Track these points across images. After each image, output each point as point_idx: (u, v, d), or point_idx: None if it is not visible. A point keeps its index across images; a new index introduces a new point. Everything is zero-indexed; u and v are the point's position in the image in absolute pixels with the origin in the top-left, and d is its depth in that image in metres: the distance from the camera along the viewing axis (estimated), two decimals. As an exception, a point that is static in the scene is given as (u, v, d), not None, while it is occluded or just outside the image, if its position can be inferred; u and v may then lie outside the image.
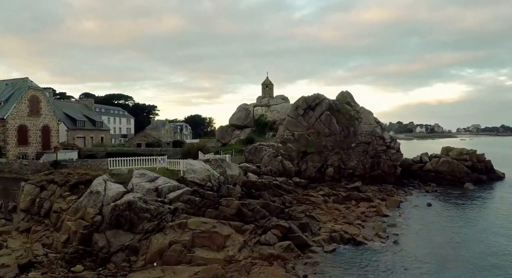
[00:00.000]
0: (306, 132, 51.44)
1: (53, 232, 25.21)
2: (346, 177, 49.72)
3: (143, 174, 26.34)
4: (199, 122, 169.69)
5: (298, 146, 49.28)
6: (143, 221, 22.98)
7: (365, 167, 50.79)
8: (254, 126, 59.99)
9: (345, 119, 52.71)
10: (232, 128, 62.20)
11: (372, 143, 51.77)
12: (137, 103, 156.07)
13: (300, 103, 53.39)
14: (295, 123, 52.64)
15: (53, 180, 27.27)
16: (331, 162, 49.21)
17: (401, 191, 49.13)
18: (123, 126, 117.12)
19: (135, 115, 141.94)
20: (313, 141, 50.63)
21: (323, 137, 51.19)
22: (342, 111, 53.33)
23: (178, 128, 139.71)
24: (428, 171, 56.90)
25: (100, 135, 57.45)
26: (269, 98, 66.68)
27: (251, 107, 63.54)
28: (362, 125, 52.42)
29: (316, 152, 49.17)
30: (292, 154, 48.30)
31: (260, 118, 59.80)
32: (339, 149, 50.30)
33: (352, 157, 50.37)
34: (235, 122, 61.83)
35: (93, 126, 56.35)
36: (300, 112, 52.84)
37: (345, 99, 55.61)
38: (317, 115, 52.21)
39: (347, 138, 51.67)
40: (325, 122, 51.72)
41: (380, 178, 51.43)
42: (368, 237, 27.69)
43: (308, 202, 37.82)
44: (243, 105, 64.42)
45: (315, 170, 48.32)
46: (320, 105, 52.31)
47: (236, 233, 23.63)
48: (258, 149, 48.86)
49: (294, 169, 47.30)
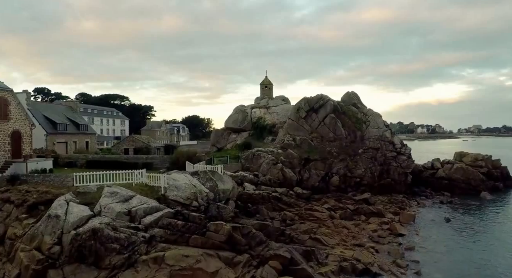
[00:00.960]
0: (309, 137, 47.03)
1: (6, 263, 20.84)
2: (353, 186, 45.41)
3: (114, 192, 21.93)
4: (197, 123, 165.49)
5: (300, 152, 44.89)
6: (111, 253, 18.58)
7: (373, 175, 46.44)
8: (251, 130, 55.45)
9: (352, 122, 48.29)
10: (228, 131, 57.66)
11: (381, 149, 47.38)
12: (133, 104, 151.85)
13: (302, 105, 48.96)
14: (297, 127, 48.22)
15: (9, 198, 22.88)
16: (336, 169, 44.83)
17: (412, 202, 44.97)
18: (117, 128, 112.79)
19: (131, 116, 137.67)
20: (317, 147, 46.22)
21: (328, 142, 46.78)
22: (348, 113, 48.91)
23: (175, 129, 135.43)
24: (440, 178, 52.66)
25: (84, 139, 53.06)
26: (268, 99, 62.01)
27: (248, 109, 58.94)
28: (370, 130, 48.00)
29: (319, 158, 44.78)
30: (293, 161, 43.91)
31: (258, 121, 55.35)
32: (345, 155, 45.91)
33: (359, 164, 45.98)
34: (231, 125, 57.30)
35: (76, 130, 51.96)
36: (302, 115, 48.41)
37: (351, 101, 51.16)
38: (321, 118, 47.79)
39: (354, 143, 47.26)
40: (330, 126, 47.29)
41: (390, 187, 47.15)
42: (385, 266, 23.33)
43: (312, 218, 33.43)
44: (240, 107, 59.83)
45: (318, 178, 43.94)
46: (324, 107, 47.88)
47: (226, 267, 19.22)
48: (256, 156, 44.49)
49: (295, 177, 42.93)
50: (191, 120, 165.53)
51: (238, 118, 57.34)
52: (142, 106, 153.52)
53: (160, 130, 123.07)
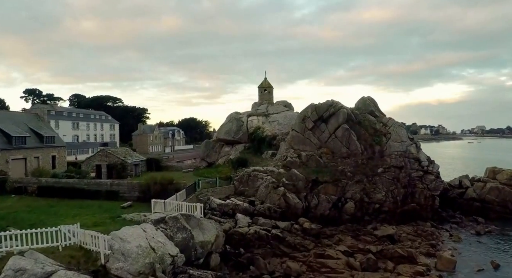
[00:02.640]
0: (317, 152, 38.62)
1: None
2: (371, 214, 37.07)
3: (21, 269, 13.63)
4: (194, 125, 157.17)
5: (306, 172, 36.48)
6: None
7: (395, 199, 38.04)
8: (248, 142, 47.00)
9: (369, 135, 39.82)
10: (220, 143, 49.12)
11: (405, 168, 38.92)
12: (126, 106, 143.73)
13: (308, 113, 40.49)
14: (302, 140, 39.79)
15: None
16: (351, 194, 36.42)
17: (443, 232, 36.70)
18: (105, 133, 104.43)
19: (123, 119, 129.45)
20: (327, 165, 37.83)
21: (340, 159, 38.37)
22: (364, 124, 40.42)
23: (169, 133, 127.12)
24: (471, 199, 44.27)
25: (50, 154, 44.72)
26: (267, 105, 53.26)
27: (244, 117, 50.15)
28: (392, 144, 39.51)
29: (330, 180, 36.37)
30: (298, 184, 35.51)
31: (255, 132, 46.74)
32: (362, 176, 37.48)
33: (379, 187, 37.58)
34: (224, 136, 48.77)
35: (39, 142, 43.60)
36: (308, 125, 39.97)
37: (368, 108, 42.62)
38: (332, 130, 39.35)
39: (372, 161, 38.83)
40: (343, 139, 38.85)
41: (414, 213, 38.91)
42: None
43: (325, 269, 25.14)
44: (234, 115, 51.11)
45: (329, 205, 35.55)
46: (335, 116, 39.38)
47: None
48: (252, 177, 36.12)
49: (301, 205, 34.56)
50: (187, 122, 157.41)
51: (232, 128, 48.73)
52: (135, 109, 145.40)
53: (152, 134, 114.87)
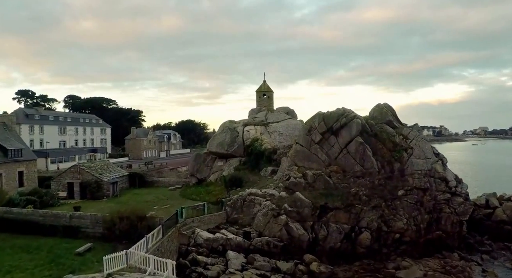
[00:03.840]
0: (326, 170, 32.50)
1: None
2: (390, 245, 31.02)
3: None
4: (192, 128, 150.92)
5: (313, 196, 30.37)
6: None
7: (418, 227, 31.97)
8: (244, 156, 40.86)
9: (387, 150, 33.64)
10: (212, 157, 42.86)
11: (430, 189, 32.78)
12: (121, 108, 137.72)
13: (315, 123, 34.31)
14: (308, 156, 33.67)
15: None
16: (366, 222, 30.30)
17: (475, 266, 30.74)
18: (96, 138, 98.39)
19: (116, 122, 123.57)
20: (337, 186, 31.72)
21: (353, 179, 32.25)
22: (381, 136, 34.21)
23: (165, 137, 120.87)
24: (501, 222, 38.21)
25: (16, 169, 38.64)
26: (267, 112, 46.87)
27: (240, 127, 43.53)
28: (414, 161, 33.32)
29: (342, 206, 30.25)
30: (303, 211, 29.40)
31: (253, 144, 40.22)
32: (379, 200, 31.37)
33: (400, 213, 31.46)
34: (216, 149, 42.51)
35: (3, 157, 37.54)
36: (315, 138, 33.83)
37: (385, 117, 36.39)
38: (343, 144, 33.19)
39: (391, 181, 32.69)
40: (356, 155, 32.71)
41: (439, 241, 32.85)
42: None
43: None
44: (228, 124, 44.68)
45: (341, 236, 29.44)
46: (347, 127, 33.18)
47: None
48: (248, 202, 30.02)
49: (307, 236, 28.47)
50: (185, 125, 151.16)
51: (225, 139, 42.39)
52: (130, 111, 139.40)
53: (146, 139, 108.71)
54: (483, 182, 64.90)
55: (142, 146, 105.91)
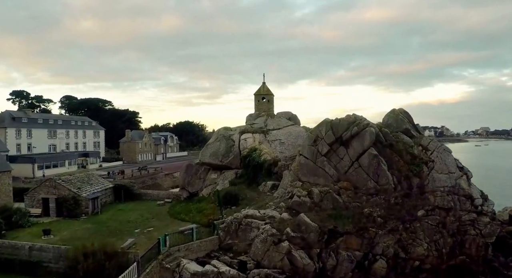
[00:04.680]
0: (334, 187, 28.22)
1: None
2: (409, 275, 26.77)
3: None
4: (190, 130, 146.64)
5: (319, 218, 26.09)
6: None
7: (440, 252, 27.67)
8: (240, 168, 36.44)
9: (404, 162, 29.30)
10: (205, 168, 38.45)
11: (454, 209, 28.46)
12: (116, 109, 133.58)
13: (322, 132, 29.97)
14: (313, 170, 29.36)
15: None
16: (381, 248, 26.02)
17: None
18: (88, 141, 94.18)
19: (111, 124, 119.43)
20: (348, 206, 27.44)
21: (366, 197, 27.97)
22: (398, 147, 29.87)
23: (161, 139, 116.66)
24: (528, 241, 33.87)
25: (-17, 182, 34.43)
26: (266, 117, 42.25)
27: (236, 135, 38.80)
28: (436, 176, 28.99)
29: (354, 229, 25.97)
30: (309, 237, 25.13)
31: (250, 155, 35.55)
32: (396, 222, 27.08)
33: (420, 237, 27.16)
34: (210, 160, 37.98)
35: (-33, 169, 33.30)
36: (322, 150, 29.52)
37: (401, 125, 32.04)
38: (354, 156, 28.86)
39: (409, 199, 28.38)
40: (369, 169, 28.40)
41: (463, 267, 28.57)
42: None
43: None
44: (223, 132, 39.92)
45: (352, 266, 25.18)
46: (359, 137, 28.82)
47: None
48: (244, 226, 25.74)
49: (313, 266, 24.24)
50: (182, 126, 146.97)
51: (219, 149, 37.86)
52: (126, 112, 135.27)
53: (142, 142, 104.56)
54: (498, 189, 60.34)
55: (137, 149, 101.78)
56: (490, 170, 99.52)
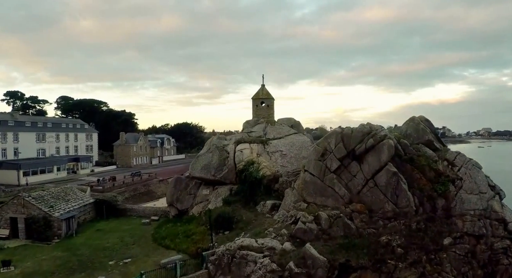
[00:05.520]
0: (345, 210, 24.01)
1: None
2: (434, 314, 22.57)
3: None
4: (188, 131, 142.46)
5: (329, 249, 21.88)
6: None
7: (471, 287, 23.46)
8: (235, 183, 31.90)
9: (426, 180, 25.10)
10: (197, 182, 34.10)
11: (486, 236, 24.25)
12: (111, 110, 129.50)
13: (331, 144, 25.73)
14: (321, 189, 25.14)
15: None
16: (403, 285, 21.83)
17: None
18: (80, 144, 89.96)
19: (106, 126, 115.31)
20: (361, 232, 23.23)
21: (382, 222, 23.77)
22: (419, 162, 25.65)
23: (158, 142, 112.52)
24: None
25: None
26: (266, 125, 37.52)
27: (230, 145, 34.04)
28: (465, 196, 24.77)
29: (369, 262, 21.75)
30: (316, 273, 20.90)
31: (247, 168, 30.98)
32: (419, 252, 22.85)
33: (447, 270, 22.94)
34: (200, 174, 33.33)
35: None
36: (331, 165, 25.30)
37: (422, 135, 27.78)
38: (369, 173, 24.65)
39: (433, 224, 24.16)
40: (387, 188, 24.20)
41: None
42: None
43: None
44: (216, 142, 35.21)
45: (368, 307, 20.99)
46: (376, 150, 24.62)
47: None
48: (239, 259, 21.54)
49: (321, 310, 20.02)
50: (180, 128, 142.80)
51: (212, 161, 33.28)
52: (123, 113, 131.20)
53: (137, 145, 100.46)
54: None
55: (131, 152, 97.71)
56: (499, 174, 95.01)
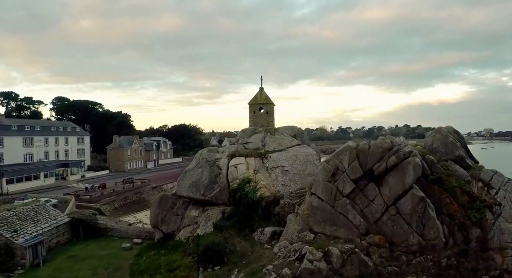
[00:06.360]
0: (361, 243, 19.71)
1: None
2: None
3: None
4: (185, 133, 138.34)
5: (342, 295, 17.60)
6: None
7: None
8: (229, 204, 27.29)
9: (458, 206, 20.83)
10: (185, 201, 29.55)
11: (534, 274, 19.98)
12: (106, 112, 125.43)
13: (343, 162, 21.36)
14: (331, 217, 20.81)
15: None
16: None
17: None
18: (71, 148, 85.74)
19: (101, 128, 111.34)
20: (381, 272, 18.93)
21: (406, 258, 19.48)
22: (449, 183, 21.38)
23: (153, 145, 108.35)
24: None
25: None
26: (265, 135, 32.65)
27: (223, 159, 29.39)
28: (504, 225, 20.48)
29: (393, 312, 17.50)
30: (327, 328, 16.64)
31: (242, 187, 26.48)
32: (453, 297, 18.62)
33: (487, 318, 18.70)
34: (188, 192, 28.71)
35: None
36: (344, 188, 20.97)
37: (453, 151, 23.46)
38: (391, 198, 20.31)
39: (466, 259, 19.86)
40: (412, 216, 19.89)
41: None
42: None
43: None
44: (206, 155, 30.29)
45: None
46: (399, 170, 20.28)
47: None
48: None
49: None
50: (177, 130, 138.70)
51: (201, 178, 28.59)
52: (118, 115, 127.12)
53: (131, 148, 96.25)
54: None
55: (125, 156, 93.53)
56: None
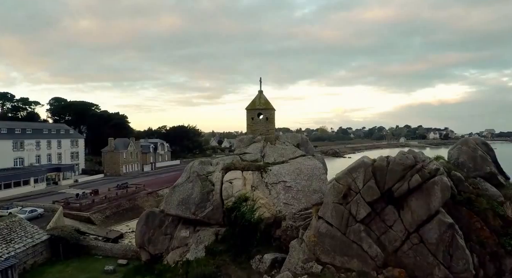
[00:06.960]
0: (378, 276, 16.70)
1: None
2: None
3: None
4: (183, 134, 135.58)
5: None
6: None
7: None
8: (223, 225, 23.86)
9: (490, 232, 17.88)
10: (174, 218, 26.23)
11: None
12: (103, 113, 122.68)
13: (357, 181, 18.26)
14: (342, 245, 17.78)
15: None
16: None
17: None
18: (64, 152, 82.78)
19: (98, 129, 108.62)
20: (403, 313, 15.94)
21: (432, 296, 16.50)
22: (480, 205, 18.43)
23: (150, 147, 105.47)
24: None
25: None
26: (264, 144, 29.01)
27: (216, 173, 25.85)
28: (549, 257, 17.55)
29: None
30: None
31: (238, 207, 22.80)
32: None
33: None
34: (177, 211, 25.29)
35: None
36: (357, 212, 17.93)
37: (483, 166, 20.38)
38: (413, 224, 17.24)
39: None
40: (439, 246, 16.88)
41: None
42: None
43: None
44: (198, 168, 26.49)
45: None
46: (423, 192, 17.20)
47: None
48: None
49: None
50: (176, 131, 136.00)
51: (192, 194, 25.08)
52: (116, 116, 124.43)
53: (127, 151, 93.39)
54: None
55: (121, 159, 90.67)
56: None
